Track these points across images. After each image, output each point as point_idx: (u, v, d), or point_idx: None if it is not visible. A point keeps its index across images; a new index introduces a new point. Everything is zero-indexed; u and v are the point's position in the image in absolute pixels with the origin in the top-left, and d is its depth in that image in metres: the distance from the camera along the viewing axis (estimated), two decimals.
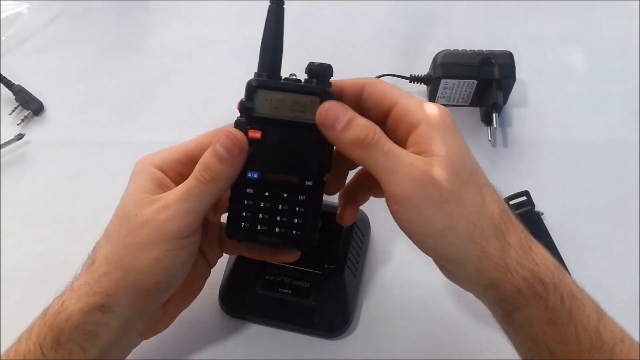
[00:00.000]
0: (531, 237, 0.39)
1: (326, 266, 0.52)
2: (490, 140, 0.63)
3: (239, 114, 0.42)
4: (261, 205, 0.43)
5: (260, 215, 0.43)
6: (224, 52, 0.72)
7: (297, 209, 0.43)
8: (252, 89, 0.41)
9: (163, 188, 0.43)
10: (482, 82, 0.63)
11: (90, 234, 0.43)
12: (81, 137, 0.64)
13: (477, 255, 0.38)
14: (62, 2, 0.76)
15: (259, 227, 0.43)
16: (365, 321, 0.53)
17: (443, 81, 0.64)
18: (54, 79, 0.69)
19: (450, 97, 0.66)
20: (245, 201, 0.43)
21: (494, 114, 0.62)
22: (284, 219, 0.43)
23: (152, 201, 0.41)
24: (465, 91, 0.64)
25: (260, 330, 0.53)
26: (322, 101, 0.40)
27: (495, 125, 0.62)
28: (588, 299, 0.38)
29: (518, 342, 0.41)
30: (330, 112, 0.39)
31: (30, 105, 0.66)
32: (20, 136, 0.63)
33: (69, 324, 0.40)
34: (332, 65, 0.41)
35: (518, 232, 0.39)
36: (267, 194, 0.43)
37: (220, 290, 0.53)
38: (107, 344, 0.41)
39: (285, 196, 0.43)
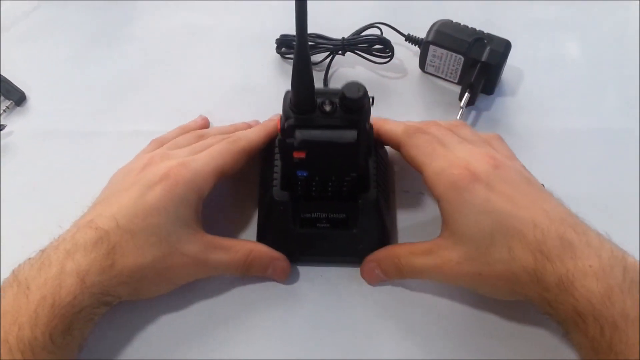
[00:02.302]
0: (579, 266, 0.40)
1: (360, 194, 0.51)
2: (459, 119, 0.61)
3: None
4: (313, 186, 0.49)
5: (314, 192, 0.50)
6: (213, 39, 0.70)
7: (345, 184, 0.49)
8: (292, 128, 0.44)
9: (198, 217, 0.47)
10: (468, 60, 0.61)
11: None
12: (65, 128, 0.63)
13: (522, 298, 0.44)
14: None
15: (313, 195, 0.50)
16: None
17: (432, 47, 0.62)
18: (36, 68, 0.68)
19: (439, 68, 0.64)
20: (299, 183, 0.49)
21: (465, 94, 0.61)
22: (335, 189, 0.50)
23: (194, 241, 0.46)
24: (454, 66, 0.63)
25: (306, 270, 0.53)
26: (358, 134, 0.43)
27: (462, 104, 0.61)
28: (634, 329, 0.38)
29: (578, 356, 0.43)
30: (371, 276, 0.51)
31: (12, 95, 0.64)
32: (1, 127, 0.62)
33: (80, 316, 0.42)
34: (365, 87, 0.42)
35: (558, 268, 0.41)
36: (317, 178, 0.48)
37: (258, 239, 0.53)
38: (97, 322, 0.45)
39: (333, 179, 0.48)
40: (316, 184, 0.49)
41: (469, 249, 0.44)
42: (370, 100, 0.44)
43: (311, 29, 0.41)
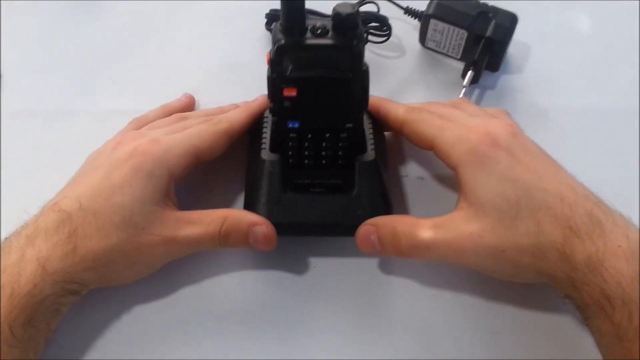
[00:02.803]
0: (609, 245, 0.38)
1: (358, 156, 0.48)
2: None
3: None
4: (305, 145, 0.46)
5: (306, 153, 0.46)
6: (199, 11, 0.67)
7: (340, 144, 0.46)
8: (281, 52, 0.41)
9: (168, 196, 0.45)
10: (472, 35, 0.57)
11: None
12: (40, 106, 0.60)
13: (545, 278, 0.41)
14: None
15: (305, 162, 0.47)
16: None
17: (433, 21, 0.59)
18: (9, 43, 0.64)
19: (440, 43, 0.61)
20: (290, 143, 0.46)
21: (468, 72, 0.57)
22: (329, 154, 0.46)
23: (161, 220, 0.43)
24: (456, 41, 0.59)
25: (296, 242, 0.50)
26: (353, 54, 0.41)
27: (465, 83, 0.57)
28: None
29: (596, 344, 0.40)
30: (364, 240, 0.45)
31: None
32: None
33: (43, 306, 0.40)
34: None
35: (588, 246, 0.39)
36: (309, 136, 0.45)
37: (244, 207, 0.48)
38: (65, 313, 0.43)
39: (327, 136, 0.46)
40: (309, 144, 0.46)
41: (493, 220, 0.41)
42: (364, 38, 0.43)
43: None
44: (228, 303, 0.47)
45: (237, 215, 0.45)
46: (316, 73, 0.42)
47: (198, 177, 0.52)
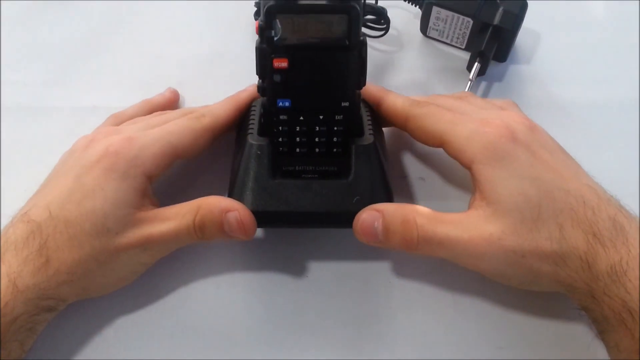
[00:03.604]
0: (633, 254, 0.37)
1: (355, 139, 0.44)
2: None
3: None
4: (297, 129, 0.43)
5: (298, 139, 0.43)
6: (181, 0, 0.63)
7: (336, 128, 0.43)
8: (271, 14, 0.38)
9: (145, 197, 0.42)
10: (478, 23, 0.54)
11: None
12: (13, 102, 0.56)
13: (561, 288, 0.39)
14: None
15: (297, 150, 0.44)
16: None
17: (435, 9, 0.56)
18: None
19: (443, 32, 0.57)
20: (280, 127, 0.43)
21: (475, 64, 0.54)
22: (323, 140, 0.43)
23: (135, 222, 0.41)
24: (461, 30, 0.56)
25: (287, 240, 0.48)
26: (350, 18, 0.38)
27: (471, 76, 0.54)
28: None
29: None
30: (365, 227, 0.41)
31: None
32: None
33: (14, 326, 0.38)
34: None
35: (611, 255, 0.37)
36: (301, 118, 0.42)
37: (229, 194, 0.45)
38: (40, 332, 0.41)
39: (321, 118, 0.42)
40: (301, 128, 0.43)
41: (514, 221, 0.38)
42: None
43: None
44: (215, 313, 0.45)
45: (211, 202, 0.41)
46: (309, 39, 0.39)
47: (183, 169, 0.50)
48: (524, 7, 0.54)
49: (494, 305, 0.45)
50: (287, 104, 0.42)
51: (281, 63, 0.40)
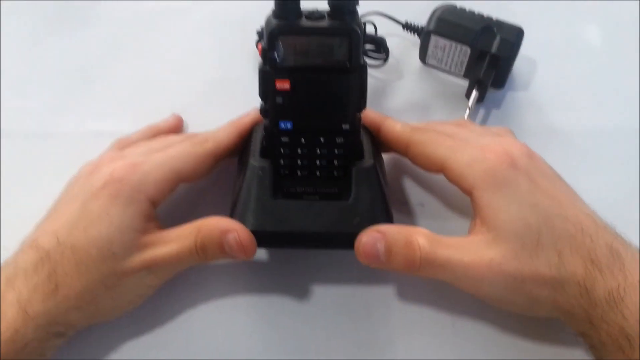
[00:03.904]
0: (629, 280, 0.37)
1: (355, 162, 0.44)
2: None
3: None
4: (298, 151, 0.43)
5: (299, 161, 0.43)
6: (186, 24, 0.64)
7: (336, 151, 0.43)
8: (273, 36, 0.39)
9: (149, 221, 0.43)
10: (476, 51, 0.54)
11: None
12: (17, 128, 0.57)
13: (559, 314, 0.40)
14: None
15: (298, 173, 0.44)
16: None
17: (434, 37, 0.56)
18: None
19: (441, 60, 0.58)
20: (282, 149, 0.43)
21: (473, 92, 0.54)
22: (324, 162, 0.44)
23: (140, 246, 0.41)
24: (459, 58, 0.56)
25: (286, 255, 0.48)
26: (351, 41, 0.39)
27: (470, 104, 0.54)
28: None
29: None
30: (368, 248, 0.40)
31: None
32: None
33: (26, 352, 0.38)
34: None
35: (609, 281, 0.37)
36: (303, 140, 0.43)
37: (230, 215, 0.44)
38: (50, 357, 0.41)
39: (322, 141, 0.43)
40: (302, 151, 0.43)
41: (514, 247, 0.39)
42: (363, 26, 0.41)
43: None
44: (218, 337, 0.45)
45: (211, 223, 0.42)
46: (311, 61, 0.40)
47: (187, 191, 0.50)
48: (520, 35, 0.54)
49: (492, 330, 0.45)
50: (288, 125, 0.42)
51: (283, 84, 0.41)
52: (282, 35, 0.39)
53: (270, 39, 0.39)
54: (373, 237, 0.41)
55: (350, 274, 0.47)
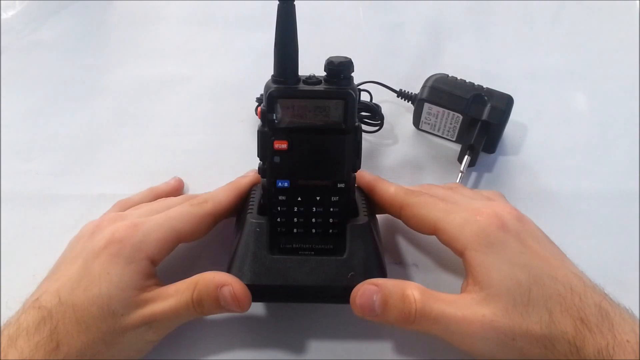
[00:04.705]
0: (618, 339, 0.37)
1: (350, 219, 0.46)
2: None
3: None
4: (295, 209, 0.44)
5: (296, 219, 0.45)
6: (188, 91, 0.66)
7: (332, 209, 0.44)
8: (272, 99, 0.41)
9: (149, 279, 0.43)
10: (467, 118, 0.56)
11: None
12: (24, 190, 0.58)
13: None
14: (6, 36, 0.70)
15: (295, 231, 0.45)
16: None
17: (427, 105, 0.58)
18: None
19: (435, 126, 0.60)
20: (279, 207, 0.44)
21: (465, 156, 0.56)
22: (319, 220, 0.45)
23: (139, 303, 0.42)
24: (451, 124, 0.58)
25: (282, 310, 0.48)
26: (346, 103, 0.41)
27: (462, 168, 0.56)
28: None
29: None
30: (363, 300, 0.41)
31: None
32: None
33: None
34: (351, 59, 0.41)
35: (598, 340, 0.38)
36: (299, 198, 0.44)
37: (228, 269, 0.45)
38: None
39: (318, 199, 0.44)
40: (298, 209, 0.45)
41: (506, 305, 0.39)
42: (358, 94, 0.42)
43: None
44: None
45: (207, 277, 0.42)
46: (308, 122, 0.42)
47: (187, 250, 0.50)
48: (510, 102, 0.56)
49: None
50: (286, 184, 0.44)
51: (281, 145, 0.42)
52: (281, 98, 0.41)
53: (270, 102, 0.41)
54: (369, 290, 0.41)
55: (346, 329, 0.47)
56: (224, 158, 0.60)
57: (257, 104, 0.62)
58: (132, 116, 0.64)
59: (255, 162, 0.44)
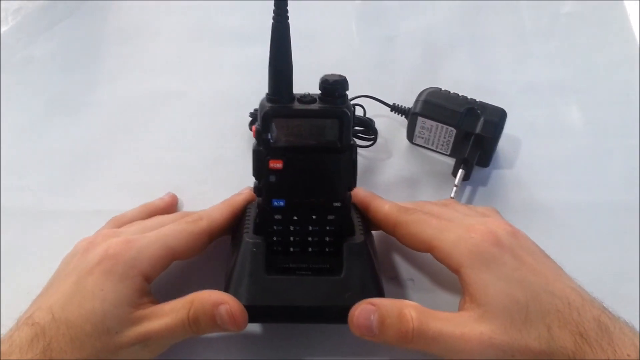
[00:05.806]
0: (618, 354, 0.37)
1: (347, 238, 0.45)
2: (452, 197, 0.56)
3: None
4: (291, 229, 0.44)
5: (292, 238, 0.44)
6: (182, 106, 0.66)
7: (328, 228, 0.44)
8: (267, 118, 0.41)
9: (143, 296, 0.43)
10: (461, 132, 0.56)
11: None
12: (17, 206, 0.58)
13: None
14: None
15: (291, 249, 0.45)
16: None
17: (420, 119, 0.58)
18: None
19: (428, 140, 0.60)
20: (275, 226, 0.44)
21: (459, 170, 0.56)
22: (316, 239, 0.45)
23: (134, 320, 0.41)
24: (445, 138, 0.58)
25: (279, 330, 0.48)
26: (341, 122, 0.41)
27: (456, 182, 0.56)
28: None
29: None
30: (361, 320, 0.41)
31: None
32: None
33: None
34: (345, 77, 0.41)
35: (598, 354, 0.37)
36: (295, 217, 0.44)
37: (225, 289, 0.44)
38: None
39: (314, 218, 0.44)
40: (294, 228, 0.44)
41: (504, 322, 0.39)
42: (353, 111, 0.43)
43: None
44: None
45: (203, 296, 0.42)
46: (303, 142, 0.42)
47: (181, 268, 0.50)
48: (503, 116, 0.56)
49: None
50: (281, 203, 0.43)
51: (276, 164, 0.42)
52: (276, 117, 0.41)
53: (264, 121, 0.41)
54: (366, 309, 0.41)
55: (343, 349, 0.47)
56: (218, 173, 0.60)
57: (250, 119, 0.61)
58: (126, 132, 0.64)
59: (250, 176, 0.44)
